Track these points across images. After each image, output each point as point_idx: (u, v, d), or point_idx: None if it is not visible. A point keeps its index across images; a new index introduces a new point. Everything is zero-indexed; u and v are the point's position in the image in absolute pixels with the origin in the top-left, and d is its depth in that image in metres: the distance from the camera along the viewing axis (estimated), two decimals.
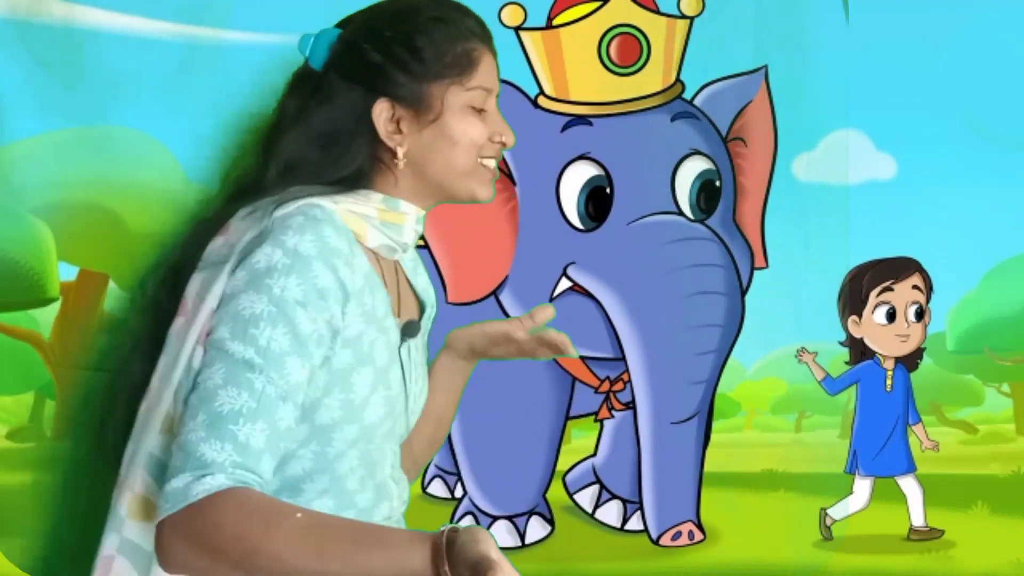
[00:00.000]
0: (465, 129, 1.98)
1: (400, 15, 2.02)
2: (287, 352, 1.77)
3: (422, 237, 3.03)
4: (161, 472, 1.76)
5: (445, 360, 2.26)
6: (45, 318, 3.71)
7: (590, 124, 3.86)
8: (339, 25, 2.11)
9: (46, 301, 3.69)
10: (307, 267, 1.81)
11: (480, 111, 2.02)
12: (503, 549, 4.01)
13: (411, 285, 2.13)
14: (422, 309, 2.14)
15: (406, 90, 1.96)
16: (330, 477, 1.88)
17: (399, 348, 1.96)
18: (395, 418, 1.96)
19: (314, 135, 2.00)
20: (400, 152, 1.97)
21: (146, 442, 1.86)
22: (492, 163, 2.03)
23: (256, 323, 1.77)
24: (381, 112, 1.98)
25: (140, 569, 1.81)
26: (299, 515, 1.72)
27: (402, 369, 1.97)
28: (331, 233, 1.86)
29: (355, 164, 1.97)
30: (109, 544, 1.85)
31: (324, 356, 1.82)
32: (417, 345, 2.06)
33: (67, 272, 3.71)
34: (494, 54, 2.05)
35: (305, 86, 2.07)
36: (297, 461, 1.86)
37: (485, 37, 2.04)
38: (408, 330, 1.97)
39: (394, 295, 2.03)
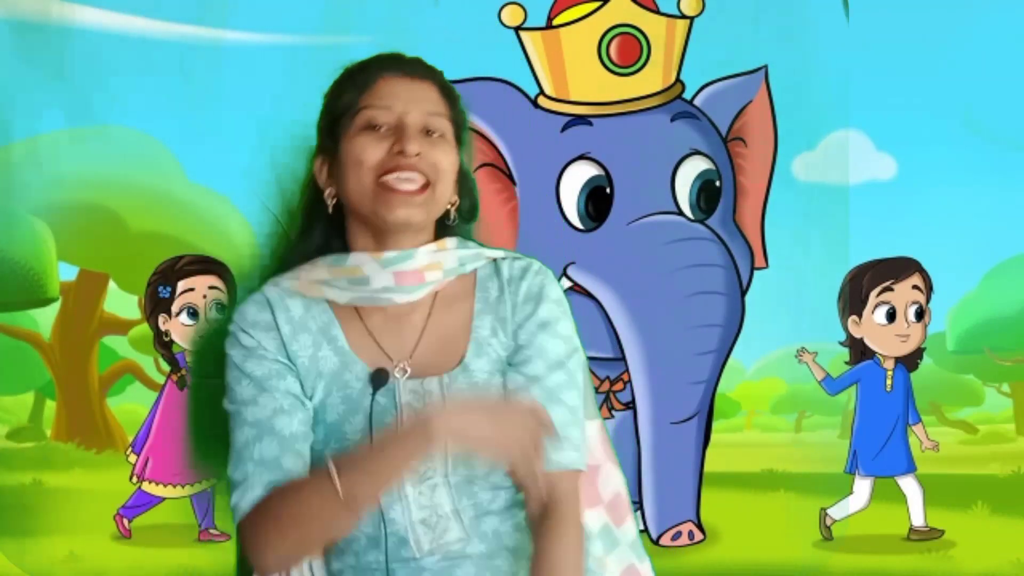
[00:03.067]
0: (359, 150, 2.03)
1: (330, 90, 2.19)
2: (257, 393, 2.06)
3: None
4: None
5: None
6: (45, 318, 3.72)
7: (590, 124, 3.86)
8: None
9: (46, 301, 3.70)
10: (235, 338, 2.10)
11: (376, 129, 2.02)
12: None
13: (470, 327, 2.10)
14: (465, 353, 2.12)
15: (325, 140, 2.08)
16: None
17: (373, 396, 2.01)
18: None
19: (301, 208, 2.16)
20: (329, 192, 2.06)
21: None
22: (401, 178, 2.00)
23: (232, 385, 2.10)
24: (316, 166, 2.11)
25: None
26: (315, 474, 1.99)
27: (371, 417, 2.00)
28: (250, 310, 2.10)
29: (315, 231, 2.10)
30: None
31: (294, 383, 2.07)
32: (437, 387, 2.04)
33: (67, 272, 3.72)
34: (407, 75, 2.06)
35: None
36: (323, 460, 2.07)
37: (388, 65, 2.08)
38: (376, 380, 2.00)
39: (403, 340, 2.06)
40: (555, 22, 3.83)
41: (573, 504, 2.05)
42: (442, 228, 2.12)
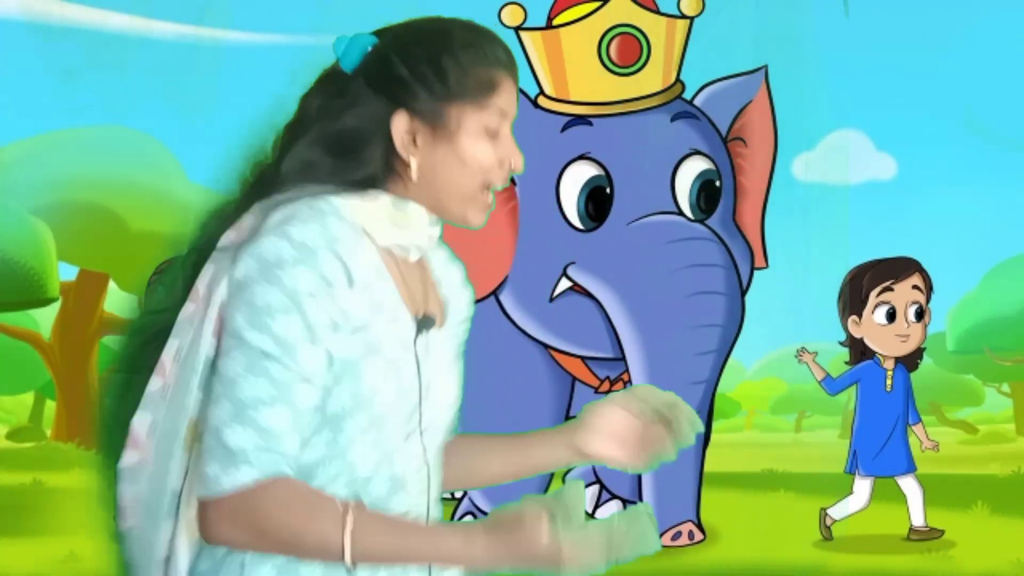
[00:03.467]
0: (475, 151, 2.02)
1: (432, 35, 2.09)
2: (300, 340, 1.86)
3: None
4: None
5: (558, 447, 2.26)
6: (45, 318, 3.72)
7: (590, 124, 3.86)
8: (375, 34, 2.16)
9: (46, 301, 3.70)
10: (314, 258, 1.88)
11: (494, 135, 2.04)
12: None
13: (436, 287, 2.16)
14: (446, 311, 2.17)
15: (426, 107, 2.02)
16: (342, 463, 1.95)
17: (414, 341, 1.99)
18: (409, 407, 1.99)
19: (333, 137, 2.06)
20: (413, 164, 2.02)
21: (168, 416, 1.94)
22: (496, 188, 2.05)
23: (270, 313, 1.86)
24: (400, 124, 2.00)
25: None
26: (339, 505, 1.85)
27: (417, 362, 1.99)
28: (335, 223, 1.92)
29: (369, 169, 2.03)
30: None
31: (339, 342, 1.88)
32: (439, 340, 2.08)
33: (67, 272, 3.72)
34: (516, 82, 2.08)
35: (331, 86, 2.13)
36: (311, 448, 1.94)
37: (510, 65, 2.09)
38: (424, 323, 2.00)
39: (417, 290, 2.07)
40: (555, 22, 3.83)
41: None
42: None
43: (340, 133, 2.03)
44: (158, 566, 1.92)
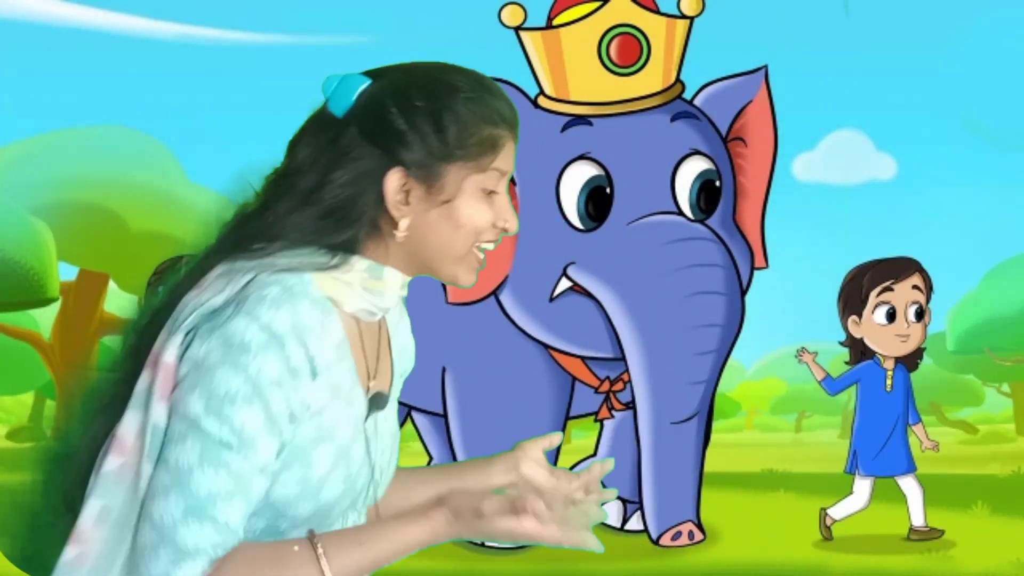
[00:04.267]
0: (472, 214, 1.90)
1: (434, 86, 1.94)
2: (260, 431, 1.75)
3: None
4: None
5: (493, 469, 2.19)
6: (45, 318, 3.72)
7: (590, 124, 3.86)
8: (369, 74, 2.01)
9: (46, 301, 3.70)
10: (281, 346, 1.76)
11: (490, 194, 1.94)
12: (503, 549, 4.03)
13: (390, 341, 2.04)
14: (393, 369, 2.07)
15: (423, 164, 1.87)
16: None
17: (365, 421, 1.89)
18: (355, 495, 1.89)
19: (321, 194, 1.92)
20: (403, 224, 1.90)
21: (126, 504, 1.83)
22: (488, 247, 1.95)
23: (232, 401, 1.74)
24: (393, 181, 1.86)
25: None
26: (296, 548, 1.76)
27: (367, 444, 1.89)
28: (306, 308, 1.80)
29: (352, 231, 1.91)
30: None
31: (291, 432, 1.80)
32: (386, 414, 1.97)
33: (67, 272, 3.72)
34: (516, 139, 1.97)
35: (322, 134, 1.97)
36: (247, 530, 1.85)
37: (513, 123, 1.95)
38: (375, 403, 1.89)
39: (372, 359, 1.95)
40: (555, 22, 3.83)
41: None
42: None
43: (331, 192, 1.91)
44: None
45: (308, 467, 1.81)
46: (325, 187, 1.88)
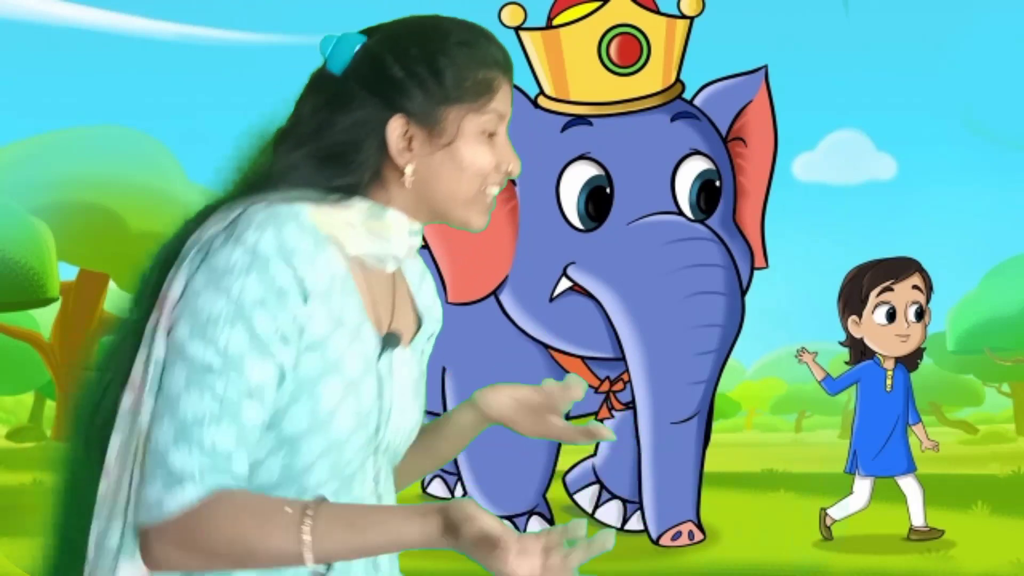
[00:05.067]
0: (475, 156, 1.94)
1: (427, 34, 2.00)
2: (246, 352, 1.75)
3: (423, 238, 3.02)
4: None
5: (466, 415, 2.21)
6: (45, 318, 3.72)
7: (590, 124, 3.86)
8: (364, 32, 2.07)
9: (46, 301, 3.70)
10: (265, 266, 1.77)
11: (491, 137, 1.98)
12: None
13: (413, 299, 2.07)
14: (419, 325, 2.08)
15: (423, 110, 1.92)
16: (298, 488, 1.85)
17: (378, 359, 1.89)
18: (369, 431, 1.89)
19: (325, 142, 1.96)
20: (408, 170, 1.94)
21: (133, 436, 1.85)
22: (494, 191, 1.99)
23: (215, 323, 1.75)
24: (395, 128, 1.90)
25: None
26: (288, 509, 1.75)
27: (379, 383, 1.89)
28: (292, 231, 1.81)
29: (355, 176, 1.93)
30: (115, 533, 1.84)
31: (292, 357, 1.81)
32: (405, 359, 1.98)
33: (67, 272, 3.72)
34: (512, 82, 2.03)
35: (322, 90, 2.03)
36: (265, 470, 1.85)
37: (507, 66, 2.01)
38: (389, 341, 1.90)
39: (384, 305, 1.98)
40: (555, 22, 3.83)
41: None
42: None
43: (332, 138, 1.93)
44: None
45: (316, 400, 1.81)
46: (326, 134, 1.93)
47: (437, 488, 3.96)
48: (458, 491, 3.93)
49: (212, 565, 1.76)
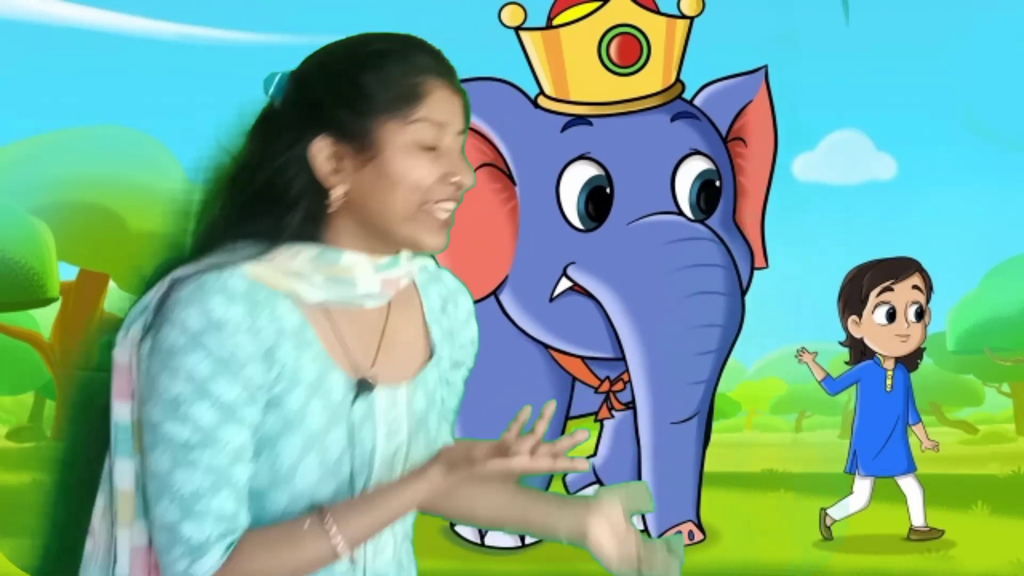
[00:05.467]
0: (406, 169, 1.83)
1: (351, 49, 1.93)
2: (219, 423, 1.77)
3: None
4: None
5: (560, 515, 2.17)
6: (45, 318, 3.72)
7: (590, 124, 3.86)
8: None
9: (46, 301, 3.70)
10: (200, 343, 1.76)
11: (431, 149, 1.87)
12: (503, 549, 4.03)
13: (427, 329, 1.99)
14: (432, 354, 2.02)
15: (347, 126, 1.84)
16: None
17: (351, 406, 1.85)
18: (340, 479, 1.86)
19: (258, 179, 1.90)
20: (333, 194, 1.85)
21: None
22: (445, 207, 1.86)
23: (181, 403, 1.77)
24: (321, 149, 1.81)
25: None
26: (307, 523, 1.81)
27: (351, 430, 1.85)
28: (219, 303, 1.78)
29: (291, 214, 1.84)
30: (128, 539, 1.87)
31: (260, 412, 1.81)
32: (398, 397, 1.92)
33: (67, 272, 3.72)
34: (455, 89, 1.90)
35: (258, 127, 1.99)
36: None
37: (440, 71, 1.90)
38: (362, 387, 1.86)
39: (366, 346, 1.91)
40: (555, 22, 3.83)
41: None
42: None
43: (258, 175, 1.88)
44: None
45: (276, 456, 1.82)
46: (259, 171, 1.88)
47: None
48: None
49: None
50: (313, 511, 1.82)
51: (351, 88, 1.87)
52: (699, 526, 3.88)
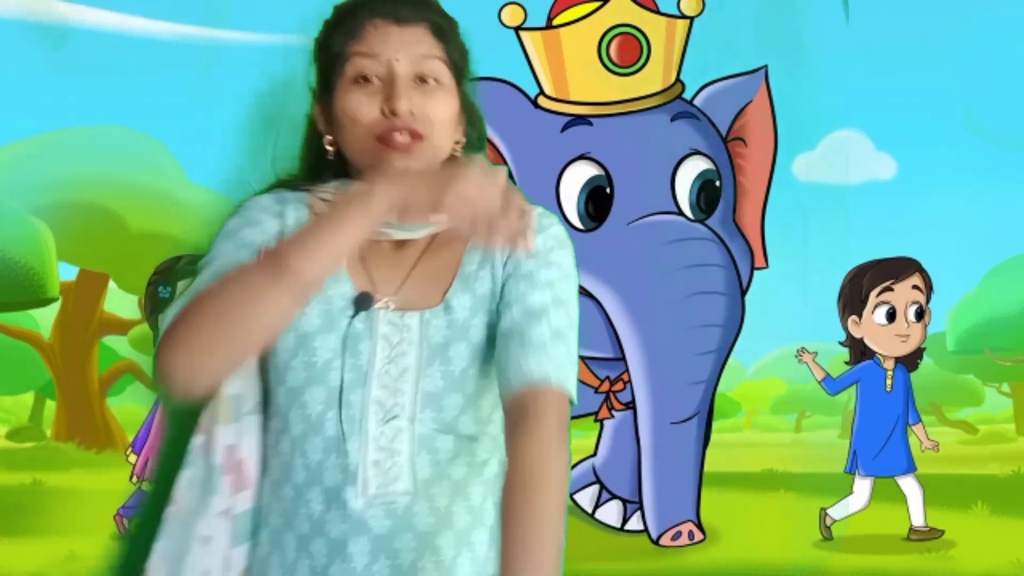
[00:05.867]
0: (344, 104, 1.97)
1: (326, 21, 2.12)
2: (233, 250, 1.95)
3: None
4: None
5: None
6: (45, 318, 3.72)
7: (590, 124, 3.86)
8: None
9: (46, 301, 3.70)
10: (238, 212, 2.00)
11: (365, 81, 1.96)
12: None
13: (459, 268, 2.04)
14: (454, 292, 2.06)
15: (320, 86, 2.02)
16: (283, 418, 1.99)
17: (352, 318, 1.91)
18: (330, 388, 1.91)
19: (304, 145, 2.10)
20: (327, 140, 2.00)
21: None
22: (396, 138, 1.94)
23: (211, 246, 1.97)
24: (317, 113, 2.04)
25: None
26: (255, 260, 1.93)
27: (345, 340, 1.91)
28: (264, 198, 2.02)
29: (318, 164, 2.04)
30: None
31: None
32: (408, 323, 1.97)
33: (67, 272, 3.72)
34: (396, 20, 1.98)
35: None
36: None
37: (376, 8, 2.00)
38: (360, 302, 1.93)
39: (390, 273, 1.99)
40: (555, 22, 3.83)
41: (557, 425, 1.88)
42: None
43: (302, 142, 2.09)
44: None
45: (275, 353, 1.96)
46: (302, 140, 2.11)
47: None
48: None
49: (209, 343, 1.85)
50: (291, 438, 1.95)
51: (317, 54, 2.07)
52: (699, 526, 3.88)
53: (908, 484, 3.95)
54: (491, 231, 1.82)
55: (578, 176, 3.86)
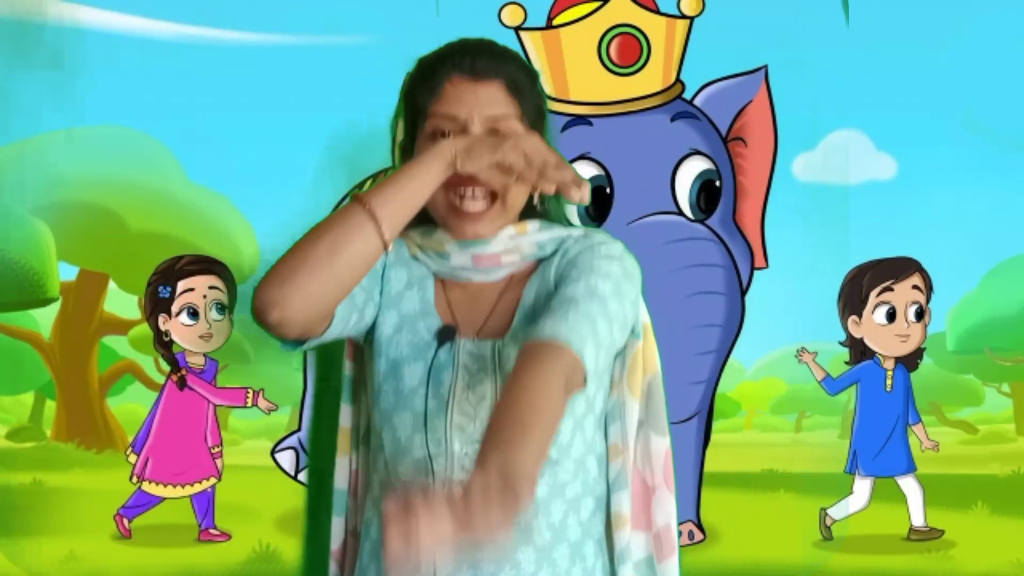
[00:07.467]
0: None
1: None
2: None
3: None
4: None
5: None
6: (45, 318, 3.72)
7: (590, 124, 3.86)
8: None
9: (46, 301, 3.69)
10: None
11: (444, 137, 2.07)
12: None
13: (523, 300, 2.22)
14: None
15: (406, 132, 2.19)
16: (377, 440, 2.21)
17: (437, 350, 2.07)
18: (416, 414, 2.04)
19: None
20: None
21: None
22: (467, 199, 2.08)
23: None
24: (399, 163, 2.21)
25: None
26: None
27: (429, 371, 2.06)
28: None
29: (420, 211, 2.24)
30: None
31: (374, 286, 2.22)
32: (489, 352, 2.13)
33: (67, 272, 3.71)
34: (474, 79, 2.08)
35: None
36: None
37: (456, 64, 2.10)
38: (443, 335, 2.12)
39: (477, 310, 2.17)
40: (555, 22, 3.83)
41: (558, 374, 1.98)
42: (529, 209, 2.23)
43: None
44: None
45: (373, 374, 2.21)
46: None
47: None
48: None
49: (302, 277, 2.03)
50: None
51: (402, 104, 2.30)
52: (699, 526, 3.89)
53: (908, 484, 3.95)
54: (545, 178, 2.01)
55: None
